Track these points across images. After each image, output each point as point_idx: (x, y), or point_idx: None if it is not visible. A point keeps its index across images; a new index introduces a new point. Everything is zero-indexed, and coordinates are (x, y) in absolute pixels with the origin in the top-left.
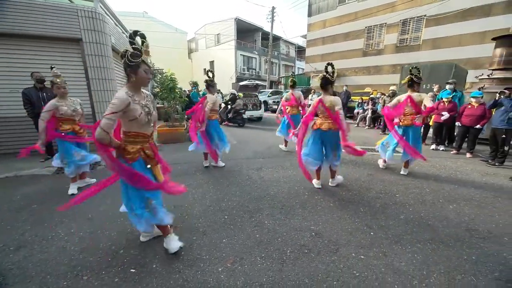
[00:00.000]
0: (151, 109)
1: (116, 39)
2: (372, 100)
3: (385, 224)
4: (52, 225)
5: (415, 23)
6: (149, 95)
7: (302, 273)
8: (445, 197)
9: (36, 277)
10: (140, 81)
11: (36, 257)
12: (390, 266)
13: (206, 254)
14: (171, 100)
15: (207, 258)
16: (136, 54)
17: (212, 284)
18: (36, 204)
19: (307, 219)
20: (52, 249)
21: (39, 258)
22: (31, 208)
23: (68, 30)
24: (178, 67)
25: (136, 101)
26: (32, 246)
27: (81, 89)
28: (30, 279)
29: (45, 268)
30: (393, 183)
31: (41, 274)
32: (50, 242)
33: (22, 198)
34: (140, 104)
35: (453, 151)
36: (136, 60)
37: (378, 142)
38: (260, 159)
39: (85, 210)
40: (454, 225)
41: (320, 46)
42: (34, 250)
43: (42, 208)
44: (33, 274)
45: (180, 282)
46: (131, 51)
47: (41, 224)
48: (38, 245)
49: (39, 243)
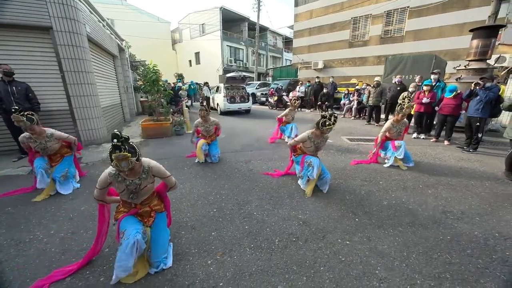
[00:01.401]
0: (142, 185)
1: (91, 28)
2: (358, 91)
3: (369, 210)
4: (30, 227)
5: (398, 14)
6: (146, 168)
7: (290, 261)
8: (424, 182)
9: (15, 282)
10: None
11: (14, 261)
12: (373, 250)
13: (195, 248)
14: (154, 93)
15: (196, 251)
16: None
17: (202, 276)
18: (10, 207)
19: (295, 209)
20: (30, 252)
21: (17, 262)
22: (5, 210)
23: (36, 18)
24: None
25: (119, 180)
26: (8, 250)
27: (55, 83)
28: (8, 284)
29: (24, 272)
30: (377, 171)
31: (20, 278)
32: (27, 245)
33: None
34: (124, 182)
35: (433, 139)
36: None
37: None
38: (248, 151)
39: (65, 210)
40: (432, 208)
41: (307, 37)
42: (11, 254)
43: (17, 210)
44: (11, 279)
45: (169, 277)
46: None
47: (17, 227)
48: (15, 249)
49: (15, 247)
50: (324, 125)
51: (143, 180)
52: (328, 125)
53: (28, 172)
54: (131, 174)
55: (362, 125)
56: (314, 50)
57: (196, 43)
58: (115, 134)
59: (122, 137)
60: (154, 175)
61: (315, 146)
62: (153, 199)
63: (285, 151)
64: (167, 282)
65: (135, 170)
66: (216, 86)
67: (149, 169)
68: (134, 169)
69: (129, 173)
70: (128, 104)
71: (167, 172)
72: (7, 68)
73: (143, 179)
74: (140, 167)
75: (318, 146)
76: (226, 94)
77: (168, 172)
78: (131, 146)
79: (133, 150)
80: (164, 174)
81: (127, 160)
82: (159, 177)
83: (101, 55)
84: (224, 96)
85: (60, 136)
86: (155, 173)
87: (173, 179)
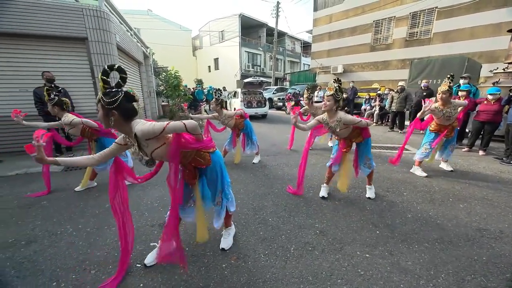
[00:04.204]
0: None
1: (120, 37)
2: (380, 96)
3: (391, 223)
4: (61, 220)
5: (426, 15)
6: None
7: (305, 271)
8: (455, 195)
9: (46, 271)
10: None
11: (47, 251)
12: (396, 265)
13: (210, 250)
14: (175, 98)
15: (211, 254)
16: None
17: (217, 279)
18: (45, 201)
19: (312, 217)
20: (61, 244)
21: (49, 252)
22: (41, 204)
23: (74, 30)
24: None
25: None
26: (42, 241)
27: (87, 88)
28: (40, 272)
29: (55, 262)
30: (401, 181)
31: (51, 267)
32: (59, 237)
33: None
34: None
35: (465, 148)
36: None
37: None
38: (264, 156)
39: (91, 207)
40: (464, 224)
41: (326, 42)
42: (44, 245)
43: (51, 204)
44: (43, 268)
45: (184, 277)
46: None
47: (50, 219)
48: (48, 240)
49: (48, 238)
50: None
51: (144, 148)
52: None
53: (61, 170)
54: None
55: (384, 131)
56: (333, 54)
57: (215, 49)
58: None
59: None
60: (148, 138)
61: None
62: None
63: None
64: (182, 283)
65: (123, 129)
66: (233, 91)
67: (138, 135)
68: (118, 126)
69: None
70: (151, 108)
71: (159, 125)
72: (49, 76)
73: (144, 146)
74: (130, 130)
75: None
76: (243, 99)
77: (163, 124)
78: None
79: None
80: (158, 131)
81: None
82: (155, 136)
83: (128, 62)
84: (241, 101)
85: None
86: (145, 136)
87: (177, 124)
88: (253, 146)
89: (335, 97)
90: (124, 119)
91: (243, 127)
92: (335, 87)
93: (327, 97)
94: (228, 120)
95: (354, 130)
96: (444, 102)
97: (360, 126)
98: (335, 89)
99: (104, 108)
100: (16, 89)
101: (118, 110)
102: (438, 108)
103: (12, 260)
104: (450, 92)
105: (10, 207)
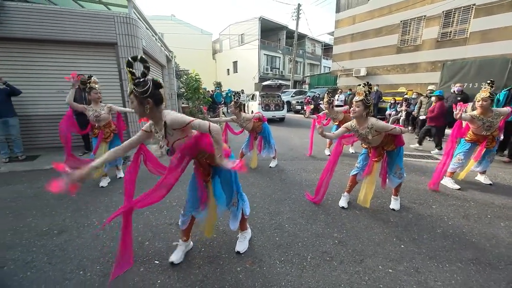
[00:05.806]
0: (168, 143)
1: (146, 42)
2: (407, 100)
3: (418, 237)
4: (88, 213)
5: (461, 13)
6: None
7: (323, 281)
8: (494, 212)
9: (75, 259)
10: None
11: (75, 241)
12: (423, 284)
13: (225, 252)
14: (195, 100)
15: (226, 256)
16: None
17: (231, 282)
18: (75, 194)
19: (330, 226)
20: (87, 236)
21: (77, 242)
22: (71, 197)
23: (106, 36)
24: (203, 68)
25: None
26: (71, 231)
27: (115, 90)
28: (69, 260)
29: (82, 252)
30: (429, 192)
31: (78, 257)
32: (86, 229)
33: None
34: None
35: (506, 159)
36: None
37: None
38: (281, 161)
39: (115, 202)
40: (506, 245)
41: (349, 43)
42: (73, 235)
43: (79, 197)
44: (72, 257)
45: (200, 278)
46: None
47: (79, 212)
48: (76, 231)
49: (77, 229)
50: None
51: (169, 137)
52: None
53: None
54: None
55: (411, 138)
56: (356, 56)
57: (234, 53)
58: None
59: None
60: (174, 128)
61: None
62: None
63: (320, 163)
64: (198, 282)
65: (155, 115)
66: (251, 94)
67: (168, 123)
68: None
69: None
70: (172, 109)
71: (187, 117)
72: (83, 78)
73: (169, 135)
74: (160, 118)
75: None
76: (261, 101)
77: (190, 118)
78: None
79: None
80: (185, 122)
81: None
82: (182, 127)
83: (153, 66)
84: (259, 103)
85: (114, 109)
86: (173, 125)
87: (202, 122)
88: (270, 150)
89: (365, 103)
90: (156, 105)
91: (261, 130)
92: (365, 92)
93: (356, 102)
94: (246, 123)
95: (386, 137)
96: (484, 110)
97: (394, 133)
98: (364, 94)
99: (137, 98)
100: (54, 90)
101: (152, 98)
102: (478, 117)
103: (46, 247)
104: (492, 99)
105: (46, 198)
